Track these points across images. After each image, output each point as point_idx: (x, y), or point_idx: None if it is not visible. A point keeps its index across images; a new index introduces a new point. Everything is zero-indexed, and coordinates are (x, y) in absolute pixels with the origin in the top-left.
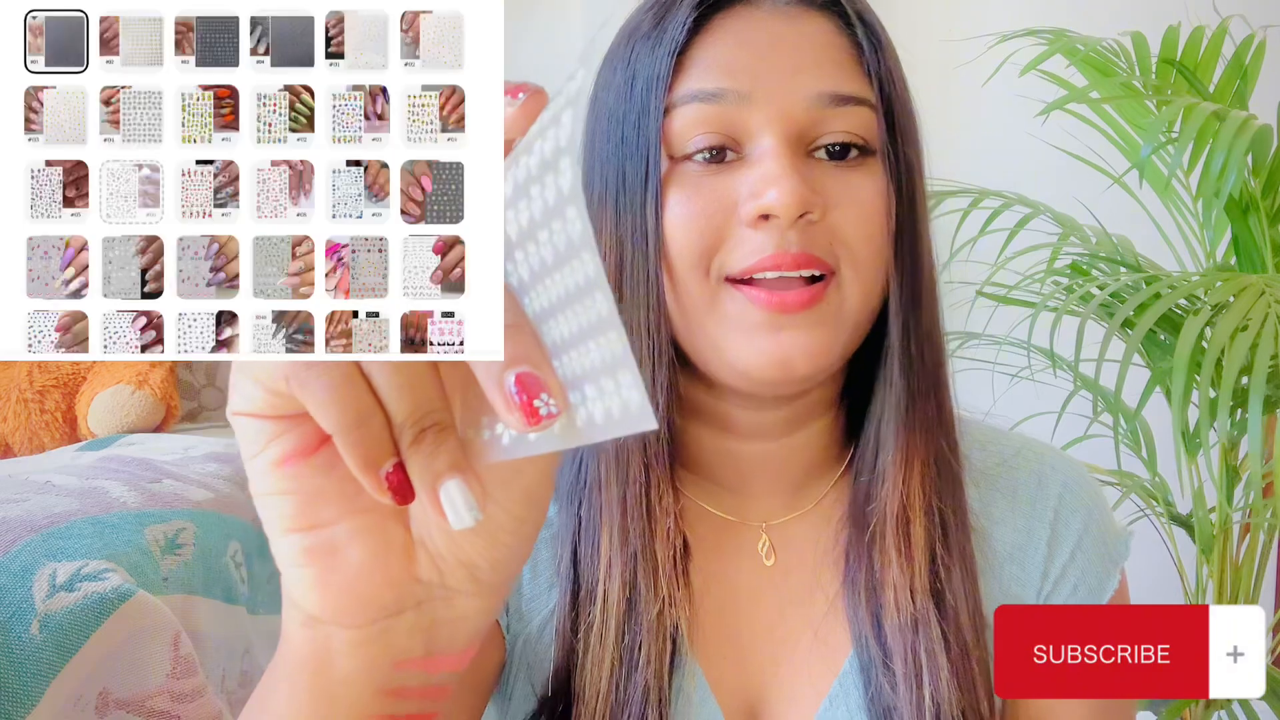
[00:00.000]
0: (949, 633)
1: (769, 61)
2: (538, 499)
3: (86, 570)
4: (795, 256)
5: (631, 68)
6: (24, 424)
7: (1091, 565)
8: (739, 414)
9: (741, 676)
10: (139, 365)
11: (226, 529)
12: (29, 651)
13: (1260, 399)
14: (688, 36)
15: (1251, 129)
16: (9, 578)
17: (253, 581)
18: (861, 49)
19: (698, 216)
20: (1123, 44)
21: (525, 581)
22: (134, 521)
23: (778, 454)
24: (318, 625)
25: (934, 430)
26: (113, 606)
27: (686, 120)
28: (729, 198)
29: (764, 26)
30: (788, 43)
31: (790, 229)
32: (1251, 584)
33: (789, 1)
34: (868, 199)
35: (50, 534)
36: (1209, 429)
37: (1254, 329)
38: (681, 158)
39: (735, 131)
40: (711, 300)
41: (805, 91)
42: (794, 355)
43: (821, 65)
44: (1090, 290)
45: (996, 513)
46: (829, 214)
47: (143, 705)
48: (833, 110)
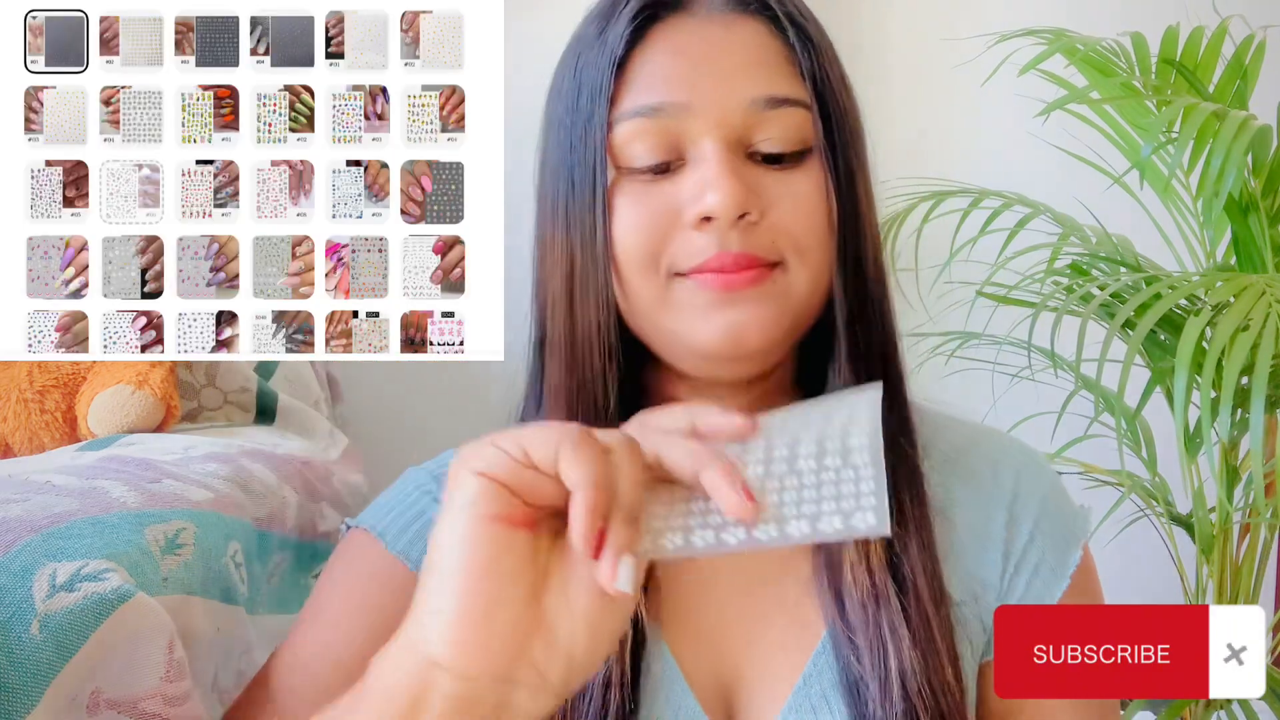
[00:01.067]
0: (909, 606)
1: (705, 70)
2: (617, 630)
3: (87, 570)
4: (736, 257)
5: (578, 78)
6: (24, 424)
7: (1051, 544)
8: (701, 400)
9: (715, 658)
10: (139, 365)
11: (226, 529)
12: (29, 651)
13: (1261, 399)
14: (626, 48)
15: (1251, 129)
16: (9, 578)
17: (252, 582)
18: (795, 50)
19: (645, 223)
20: (1123, 44)
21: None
22: (134, 521)
23: None
24: (432, 669)
25: (888, 417)
26: (112, 607)
27: (630, 134)
28: (673, 203)
29: (699, 34)
30: (722, 49)
31: (731, 229)
32: (1251, 584)
33: (723, 8)
34: (806, 195)
35: (50, 534)
36: (1209, 429)
37: (1255, 329)
38: (628, 168)
39: (677, 141)
40: (663, 294)
41: (740, 97)
42: (745, 328)
43: (755, 70)
44: (1090, 290)
45: (957, 496)
46: (769, 213)
47: (134, 706)
48: (768, 113)
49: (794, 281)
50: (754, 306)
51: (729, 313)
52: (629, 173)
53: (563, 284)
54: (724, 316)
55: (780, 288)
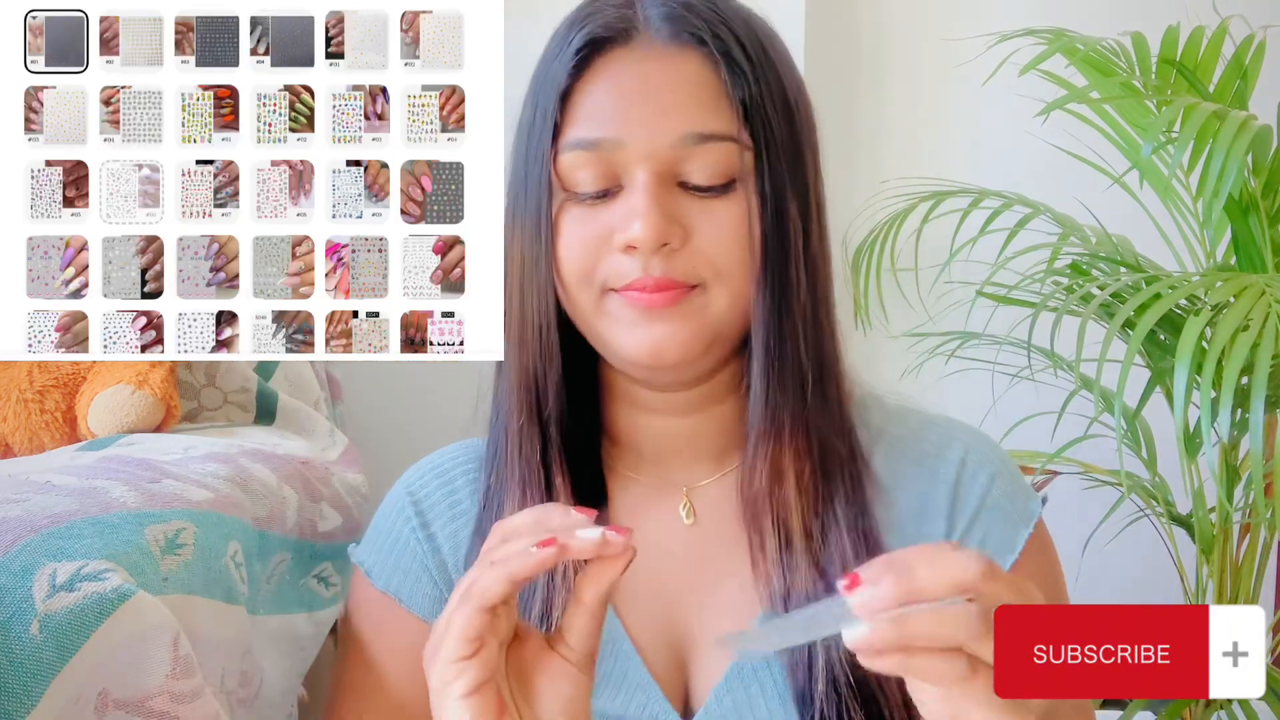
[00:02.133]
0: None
1: (638, 105)
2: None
3: (86, 570)
4: (657, 280)
5: (533, 100)
6: (24, 424)
7: (999, 520)
8: (649, 395)
9: (666, 627)
10: (139, 365)
11: (226, 529)
12: (29, 651)
13: (1261, 399)
14: (569, 81)
15: (1251, 129)
16: (9, 578)
17: (252, 582)
18: (727, 85)
19: (581, 244)
20: (1123, 44)
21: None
22: (134, 521)
23: (690, 428)
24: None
25: (804, 422)
26: (113, 606)
27: (573, 164)
28: (606, 228)
29: (636, 69)
30: (657, 85)
31: (653, 256)
32: (1251, 584)
33: (665, 40)
34: (728, 223)
35: (50, 534)
36: (1209, 429)
37: (1255, 329)
38: (571, 191)
39: (613, 171)
40: (597, 306)
41: (670, 133)
42: (664, 343)
43: (687, 106)
44: (1090, 290)
45: (901, 477)
46: (691, 240)
47: (142, 705)
48: (696, 148)
49: (712, 302)
50: (672, 324)
51: (650, 328)
52: (573, 197)
53: (516, 287)
54: (646, 331)
55: (697, 307)
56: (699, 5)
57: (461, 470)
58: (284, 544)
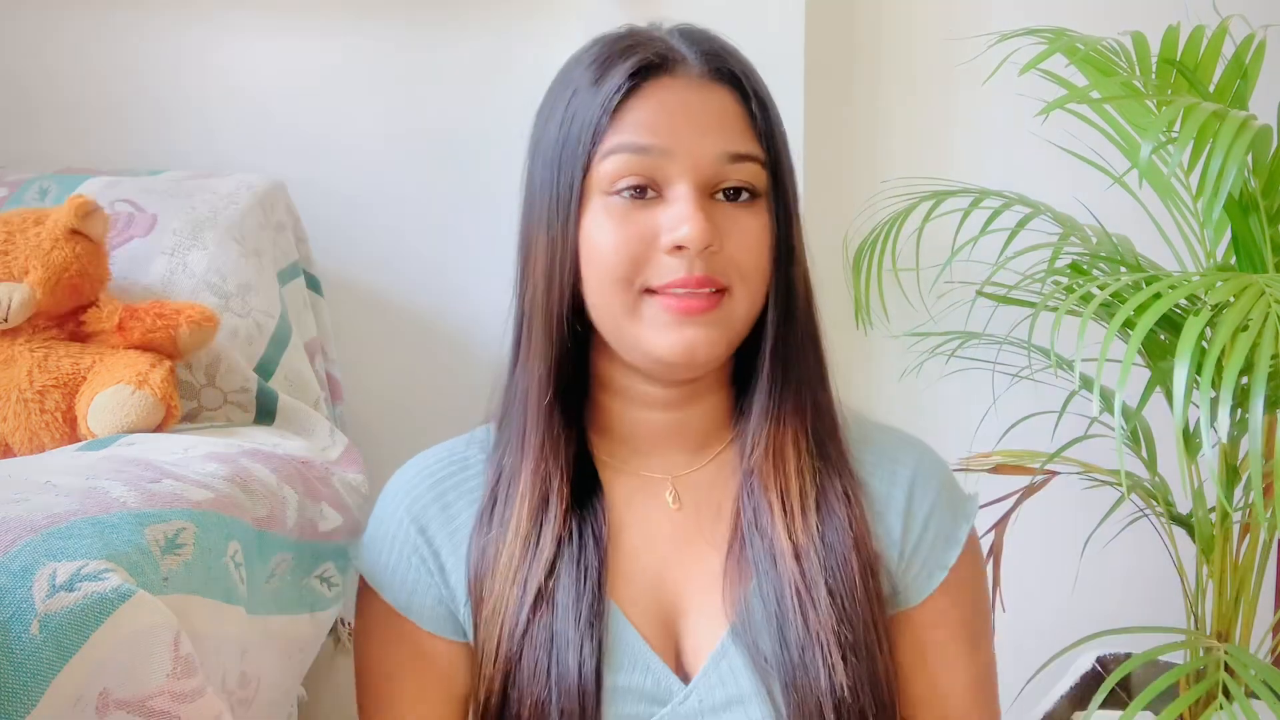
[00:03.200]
0: (829, 561)
1: (684, 125)
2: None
3: (86, 570)
4: (699, 278)
5: (571, 111)
6: (24, 424)
7: (949, 518)
8: (647, 389)
9: (659, 604)
10: (139, 365)
11: (226, 529)
12: (29, 651)
13: (1261, 399)
14: (622, 98)
15: (1251, 129)
16: (9, 578)
17: (252, 582)
18: (754, 117)
19: (627, 242)
20: (1123, 44)
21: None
22: (134, 521)
23: (679, 421)
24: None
25: (803, 410)
26: (113, 606)
27: (619, 165)
28: (651, 230)
29: (681, 95)
30: (699, 110)
31: (697, 257)
32: (1251, 584)
33: (700, 76)
34: (754, 234)
35: (50, 534)
36: (1209, 429)
37: (1255, 329)
38: (612, 193)
39: (657, 176)
40: (633, 307)
41: (713, 150)
42: (697, 346)
43: (725, 130)
44: (1090, 290)
45: (868, 466)
46: (725, 245)
47: (143, 705)
48: (733, 165)
49: (736, 306)
50: (704, 331)
51: (685, 332)
52: (609, 195)
53: (544, 277)
54: (680, 335)
55: (726, 313)
56: (724, 51)
57: (448, 473)
58: (284, 544)
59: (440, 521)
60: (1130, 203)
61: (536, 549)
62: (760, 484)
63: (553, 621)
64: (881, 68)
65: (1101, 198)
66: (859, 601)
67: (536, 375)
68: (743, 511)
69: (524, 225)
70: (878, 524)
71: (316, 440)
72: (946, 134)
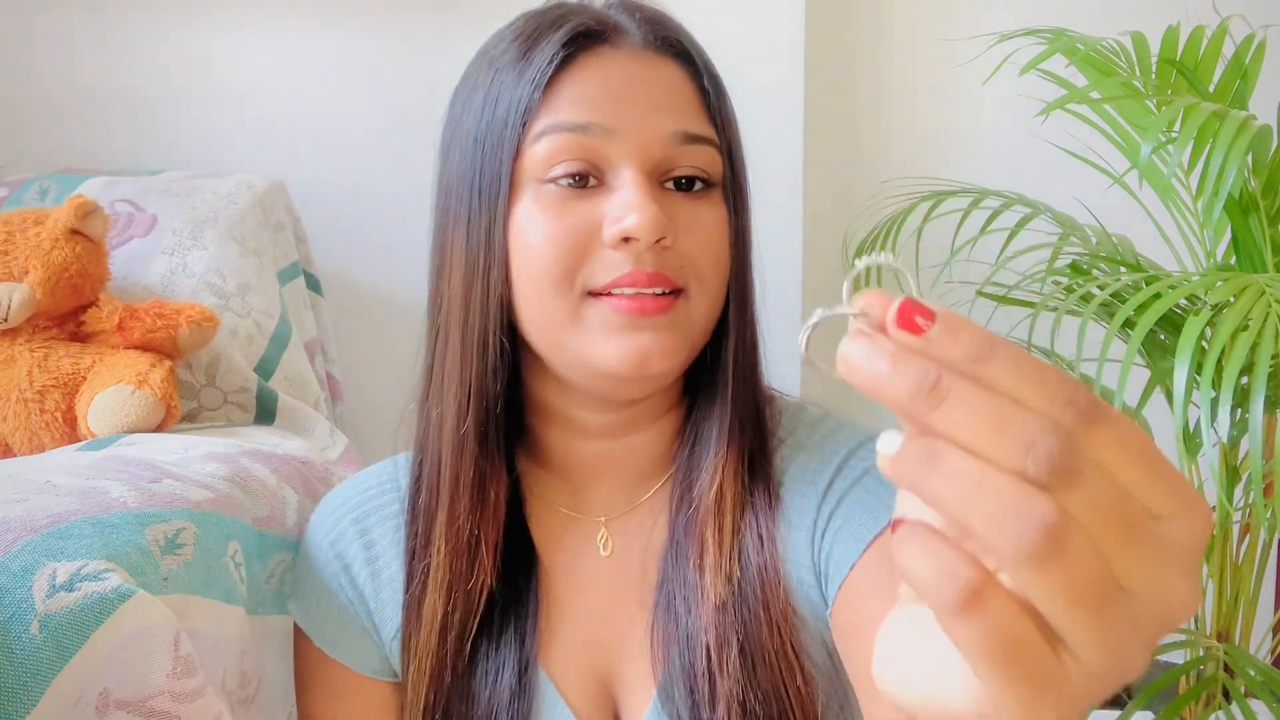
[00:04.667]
0: (744, 613)
1: (629, 101)
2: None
3: (86, 570)
4: (650, 275)
5: (494, 92)
6: (24, 424)
7: (856, 511)
8: (586, 416)
9: (591, 667)
10: (139, 365)
11: (226, 529)
12: (29, 651)
13: (1261, 399)
14: (555, 70)
15: (1251, 129)
16: (9, 578)
17: (252, 582)
18: (706, 94)
19: (564, 235)
20: (1123, 44)
21: (370, 594)
22: (134, 521)
23: (618, 452)
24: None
25: (750, 430)
26: (112, 606)
27: (553, 148)
28: (593, 220)
29: (624, 68)
30: (646, 85)
31: (647, 251)
32: (1251, 584)
33: (645, 47)
34: (712, 227)
35: (50, 534)
36: (1209, 429)
37: (1255, 329)
38: (545, 180)
39: (598, 160)
40: (574, 313)
41: (662, 130)
42: (651, 353)
43: (675, 108)
44: (1090, 290)
45: (795, 457)
46: (679, 240)
47: (143, 705)
48: (685, 148)
49: (693, 309)
50: (659, 335)
51: (638, 337)
52: (544, 183)
53: (461, 285)
54: (632, 341)
55: (681, 316)
56: (669, 22)
57: (371, 504)
58: (284, 544)
59: (364, 560)
60: (1130, 203)
61: (464, 601)
62: (693, 526)
63: (478, 688)
64: (881, 68)
65: (1101, 198)
66: (769, 663)
67: (456, 402)
68: (671, 558)
69: (436, 229)
70: (799, 501)
71: (316, 440)
72: (946, 134)
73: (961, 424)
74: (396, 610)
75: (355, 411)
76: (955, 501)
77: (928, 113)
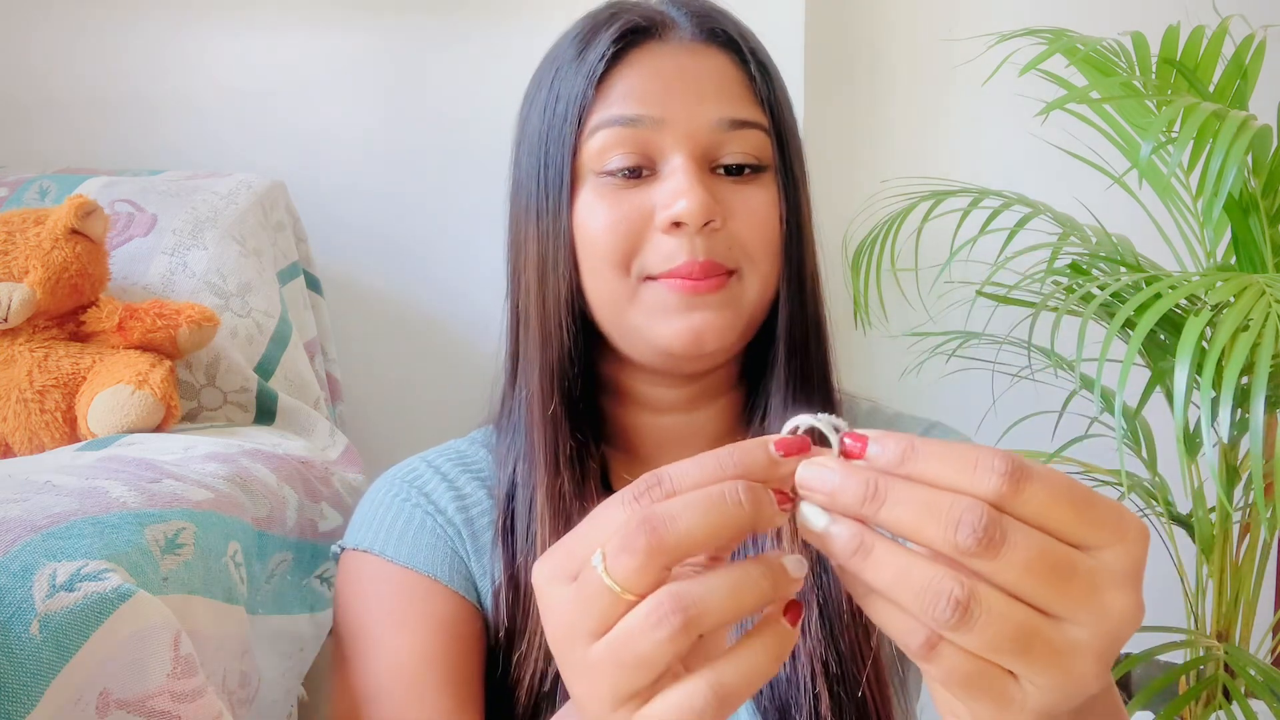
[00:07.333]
0: (825, 579)
1: (678, 91)
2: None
3: (86, 570)
4: (703, 265)
5: (555, 91)
6: (24, 424)
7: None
8: (653, 391)
9: None
10: (139, 365)
11: (226, 529)
12: (29, 651)
13: (1261, 399)
14: (607, 66)
15: (1251, 129)
16: (9, 578)
17: (252, 582)
18: (754, 80)
19: (619, 223)
20: (1123, 44)
21: (470, 555)
22: (134, 521)
23: (687, 426)
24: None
25: (819, 404)
26: (112, 606)
27: (607, 141)
28: (645, 208)
29: (673, 60)
30: (693, 75)
31: (697, 235)
32: (1251, 584)
33: (694, 38)
34: (762, 209)
35: (50, 534)
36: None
37: (1255, 329)
38: (602, 173)
39: (650, 151)
40: (633, 295)
41: (709, 117)
42: (705, 331)
43: (722, 95)
44: (1090, 290)
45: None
46: (729, 223)
47: (143, 705)
48: (732, 133)
49: (746, 289)
50: (713, 313)
51: (692, 316)
52: (601, 176)
53: (535, 272)
54: (686, 320)
55: (735, 294)
56: (718, 12)
57: (449, 462)
58: (284, 544)
59: (451, 495)
60: (1130, 203)
61: None
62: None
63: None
64: (881, 68)
65: (1101, 198)
66: (847, 624)
67: (539, 383)
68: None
69: (512, 221)
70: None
71: (316, 440)
72: (946, 134)
73: (901, 517)
74: (492, 561)
75: (355, 411)
76: (883, 585)
77: (927, 113)
